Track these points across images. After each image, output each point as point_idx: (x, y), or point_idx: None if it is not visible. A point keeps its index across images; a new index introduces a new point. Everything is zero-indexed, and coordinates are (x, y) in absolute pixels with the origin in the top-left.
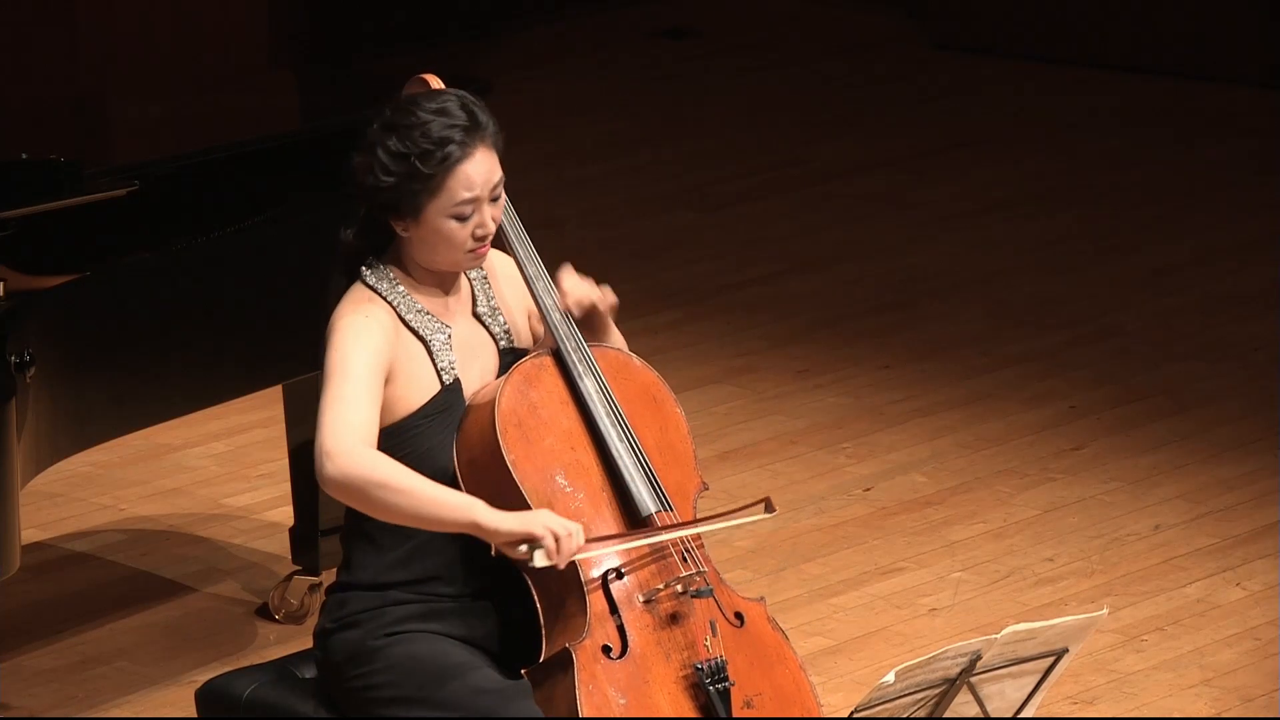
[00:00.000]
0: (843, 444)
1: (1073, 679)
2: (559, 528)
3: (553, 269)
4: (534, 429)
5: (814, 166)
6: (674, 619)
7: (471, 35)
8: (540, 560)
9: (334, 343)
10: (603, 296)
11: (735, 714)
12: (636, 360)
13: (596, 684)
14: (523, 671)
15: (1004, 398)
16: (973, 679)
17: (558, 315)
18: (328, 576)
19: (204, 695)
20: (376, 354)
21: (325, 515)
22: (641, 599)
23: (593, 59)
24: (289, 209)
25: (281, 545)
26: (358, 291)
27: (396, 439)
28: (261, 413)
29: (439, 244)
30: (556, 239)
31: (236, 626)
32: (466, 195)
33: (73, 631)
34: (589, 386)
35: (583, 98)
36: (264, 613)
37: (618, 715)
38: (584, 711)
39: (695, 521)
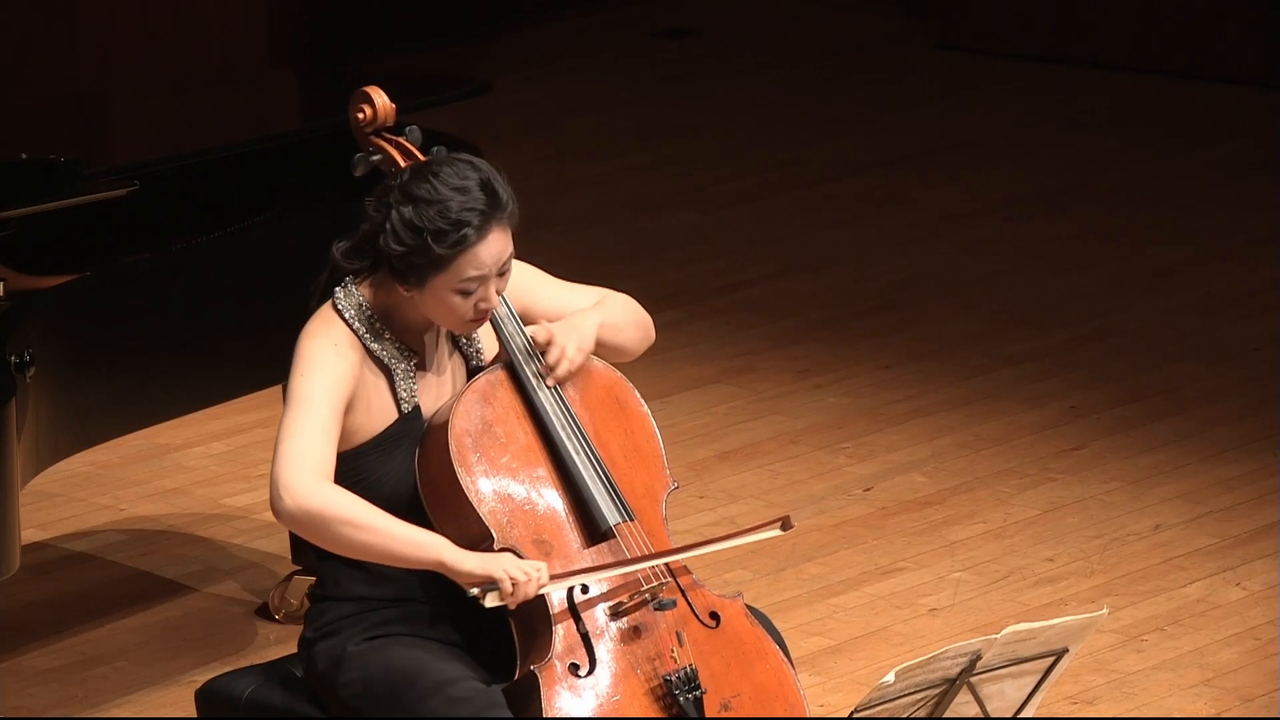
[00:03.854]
0: (843, 444)
1: (1073, 679)
2: (517, 572)
3: (552, 271)
4: (489, 447)
5: (814, 166)
6: (639, 631)
7: (471, 35)
8: (492, 601)
9: (298, 368)
10: (559, 348)
11: (710, 717)
12: (597, 362)
13: (565, 706)
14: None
15: (1004, 398)
16: (973, 679)
17: (511, 326)
18: None
19: (204, 695)
20: (340, 384)
21: None
22: (607, 613)
23: (593, 59)
24: (288, 209)
25: (281, 545)
26: (326, 312)
27: (348, 466)
28: (261, 413)
29: (439, 311)
30: (557, 239)
31: (236, 626)
32: (474, 274)
33: (73, 631)
34: (544, 399)
35: (583, 98)
36: (264, 613)
37: None
38: None
39: (685, 547)
